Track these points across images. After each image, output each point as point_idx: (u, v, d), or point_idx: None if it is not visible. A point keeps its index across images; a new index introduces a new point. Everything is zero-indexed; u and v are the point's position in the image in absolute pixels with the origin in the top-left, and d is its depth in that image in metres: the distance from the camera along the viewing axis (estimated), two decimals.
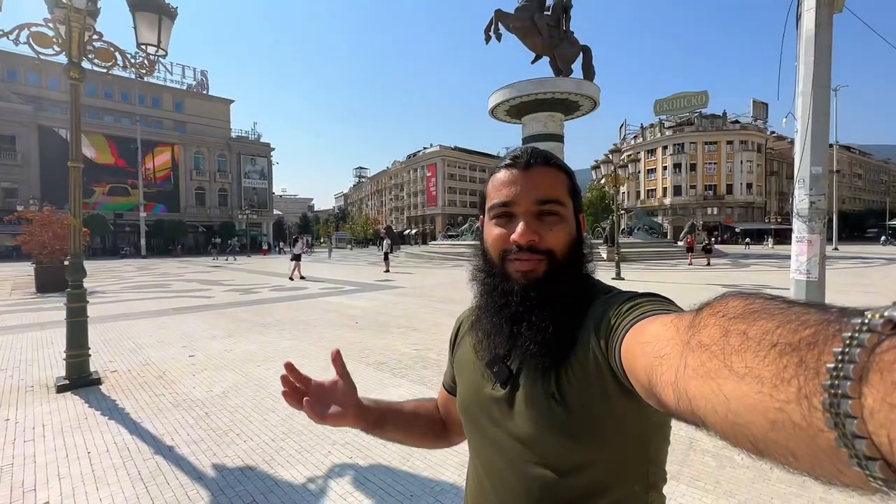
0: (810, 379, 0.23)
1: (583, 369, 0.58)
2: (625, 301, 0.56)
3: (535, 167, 0.67)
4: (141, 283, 15.04)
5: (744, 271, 17.04)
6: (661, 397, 0.37)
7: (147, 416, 3.56)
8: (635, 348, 0.45)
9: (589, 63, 29.91)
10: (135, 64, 4.59)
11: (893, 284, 12.32)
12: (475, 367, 0.73)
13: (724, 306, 0.33)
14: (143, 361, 5.19)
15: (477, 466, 0.73)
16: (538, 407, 0.62)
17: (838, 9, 5.45)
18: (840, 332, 0.23)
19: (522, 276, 0.64)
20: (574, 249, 0.67)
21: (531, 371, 0.64)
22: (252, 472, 2.71)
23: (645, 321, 0.47)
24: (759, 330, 0.28)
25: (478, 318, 0.72)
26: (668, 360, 0.36)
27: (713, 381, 0.29)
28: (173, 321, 7.75)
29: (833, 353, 0.23)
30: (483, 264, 0.71)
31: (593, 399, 0.58)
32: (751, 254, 30.62)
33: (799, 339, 0.25)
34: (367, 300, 10.34)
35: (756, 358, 0.26)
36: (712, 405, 0.29)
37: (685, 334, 0.35)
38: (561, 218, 0.66)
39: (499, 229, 0.66)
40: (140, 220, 37.16)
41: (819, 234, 5.40)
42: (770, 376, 0.25)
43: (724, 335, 0.30)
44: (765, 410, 0.25)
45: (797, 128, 5.64)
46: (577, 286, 0.66)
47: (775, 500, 2.34)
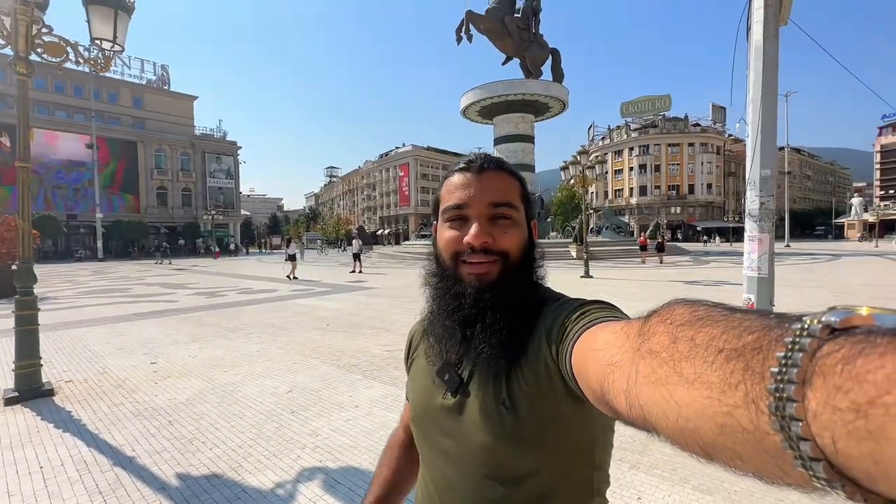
0: (756, 383, 0.24)
1: (534, 375, 0.58)
2: (575, 308, 0.56)
3: (488, 171, 0.67)
4: (98, 287, 14.32)
5: (704, 268, 17.83)
6: (613, 405, 0.37)
7: (105, 426, 3.42)
8: (586, 355, 0.45)
9: (558, 66, 30.57)
10: (88, 59, 4.39)
11: (837, 279, 13.20)
12: (426, 377, 0.72)
13: (671, 314, 0.34)
14: (100, 370, 4.97)
15: (426, 478, 0.72)
16: (488, 414, 0.61)
17: (784, 22, 5.80)
18: (782, 337, 0.24)
19: (476, 278, 0.64)
20: (526, 254, 0.67)
21: (481, 377, 0.64)
22: (219, 479, 2.66)
23: (595, 328, 0.48)
24: (705, 336, 0.29)
25: (430, 323, 0.71)
26: (619, 367, 0.37)
27: (664, 387, 0.30)
28: (133, 327, 7.43)
29: (776, 358, 0.23)
30: (436, 268, 0.71)
31: (544, 406, 0.58)
32: (711, 251, 32.06)
33: (743, 345, 0.26)
34: (339, 301, 10.23)
35: (704, 364, 0.27)
36: (663, 411, 0.30)
37: (635, 341, 0.36)
38: (514, 222, 0.66)
39: (452, 231, 0.66)
40: (96, 221, 35.30)
41: (768, 233, 5.74)
42: (718, 381, 0.26)
43: (672, 342, 0.31)
44: (714, 415, 0.25)
45: (748, 133, 5.98)
46: (529, 290, 0.66)
47: (724, 483, 2.50)
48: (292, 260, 16.52)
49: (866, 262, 19.80)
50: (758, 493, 2.41)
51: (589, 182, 16.35)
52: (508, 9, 29.01)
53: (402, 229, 76.11)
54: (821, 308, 0.23)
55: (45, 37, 4.09)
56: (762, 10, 5.72)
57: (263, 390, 4.21)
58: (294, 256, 16.67)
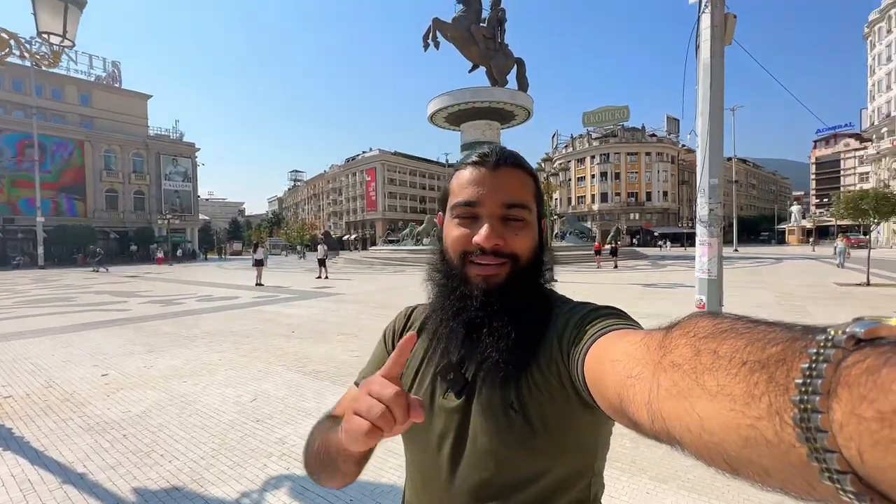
0: (780, 395, 0.23)
1: (544, 380, 0.57)
2: (587, 314, 0.56)
3: (503, 168, 0.64)
4: (39, 296, 13.33)
5: (661, 271, 18.71)
6: (634, 417, 0.37)
7: (52, 442, 3.22)
8: (603, 365, 0.44)
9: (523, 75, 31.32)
10: (34, 54, 4.15)
11: (779, 281, 14.19)
12: (423, 375, 0.69)
13: (694, 326, 0.33)
14: (44, 383, 4.65)
15: (416, 481, 0.69)
16: (495, 417, 0.60)
17: (728, 42, 6.25)
18: (806, 348, 0.24)
19: (483, 280, 0.62)
20: (536, 256, 0.65)
21: (489, 380, 0.61)
22: (179, 492, 2.57)
23: (609, 336, 0.48)
24: (728, 348, 0.28)
25: (432, 321, 0.68)
26: (640, 380, 0.36)
27: (686, 400, 0.29)
28: (81, 338, 6.99)
29: (801, 369, 0.23)
30: (441, 264, 0.67)
31: (554, 410, 0.57)
32: (667, 255, 33.63)
33: (767, 357, 0.25)
34: (305, 308, 10.01)
35: (727, 376, 0.27)
36: (686, 424, 0.29)
37: (656, 354, 0.35)
38: (526, 223, 0.64)
39: (461, 229, 0.63)
40: (37, 226, 32.85)
41: (717, 238, 6.13)
42: (741, 393, 0.25)
43: (695, 354, 0.31)
44: (737, 427, 0.25)
45: (698, 144, 6.38)
46: (537, 294, 0.65)
47: (679, 473, 2.66)
48: (259, 265, 16.19)
49: (804, 265, 21.39)
50: (707, 479, 2.58)
51: (553, 188, 16.87)
52: (475, 18, 29.52)
53: (370, 234, 75.25)
54: (762, 308, 0.24)
55: None
56: (709, 30, 6.14)
57: (226, 399, 4.08)
58: (261, 262, 16.37)
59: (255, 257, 16.69)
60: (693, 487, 2.53)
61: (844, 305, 8.85)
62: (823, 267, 19.60)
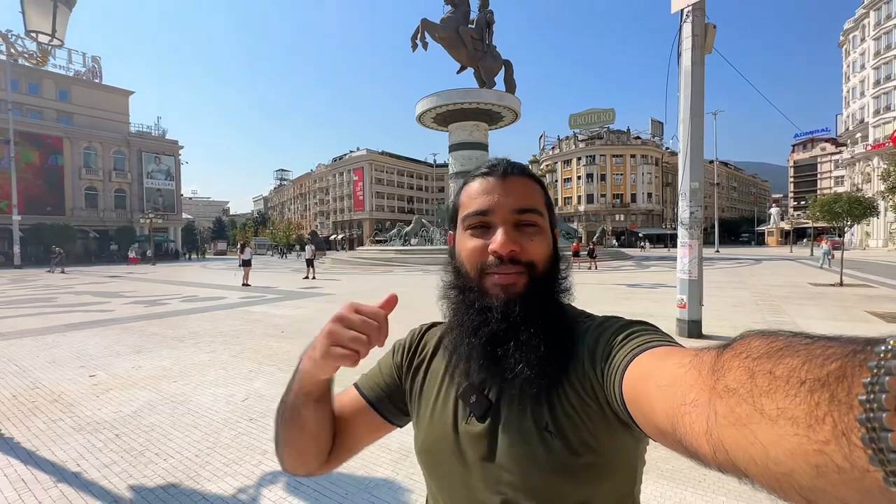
0: (844, 414, 0.22)
1: (579, 399, 0.55)
2: (620, 329, 0.54)
3: (512, 176, 0.64)
4: (17, 297, 13.01)
5: (645, 272, 19.11)
6: (693, 448, 0.34)
7: (43, 443, 3.22)
8: (650, 389, 0.42)
9: (510, 77, 31.61)
10: (23, 52, 4.12)
11: (758, 281, 14.63)
12: (443, 401, 0.66)
13: (746, 346, 0.32)
14: (30, 385, 4.60)
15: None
16: (528, 441, 0.56)
17: (709, 50, 6.48)
18: (866, 361, 0.22)
19: (502, 290, 0.59)
20: (553, 264, 0.64)
21: (517, 400, 0.58)
22: (176, 489, 2.61)
23: (648, 355, 0.46)
24: (785, 368, 0.27)
25: (450, 340, 0.65)
26: (696, 407, 0.34)
27: (746, 427, 0.28)
28: (65, 339, 6.89)
29: (863, 384, 0.22)
30: (456, 280, 0.65)
31: (594, 431, 0.54)
32: (651, 256, 34.28)
33: (827, 374, 0.24)
34: (293, 308, 10.00)
35: (786, 398, 0.25)
36: (750, 455, 0.27)
37: (709, 379, 0.33)
38: (540, 229, 0.63)
39: (475, 241, 0.62)
40: (13, 225, 31.93)
41: (697, 240, 6.35)
42: (803, 416, 0.24)
43: (750, 377, 0.29)
44: (805, 454, 0.23)
45: (680, 148, 6.59)
46: (559, 306, 0.63)
47: (658, 463, 2.80)
48: (247, 266, 16.03)
49: (782, 265, 22.05)
50: (685, 469, 2.73)
51: None
52: (463, 20, 29.69)
53: (357, 234, 74.89)
54: (740, 307, 0.28)
55: None
56: (690, 39, 6.36)
57: (217, 399, 4.11)
58: (249, 262, 16.18)
59: (242, 258, 16.55)
60: (672, 477, 2.67)
61: (818, 305, 9.21)
62: (800, 268, 20.24)
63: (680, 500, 2.47)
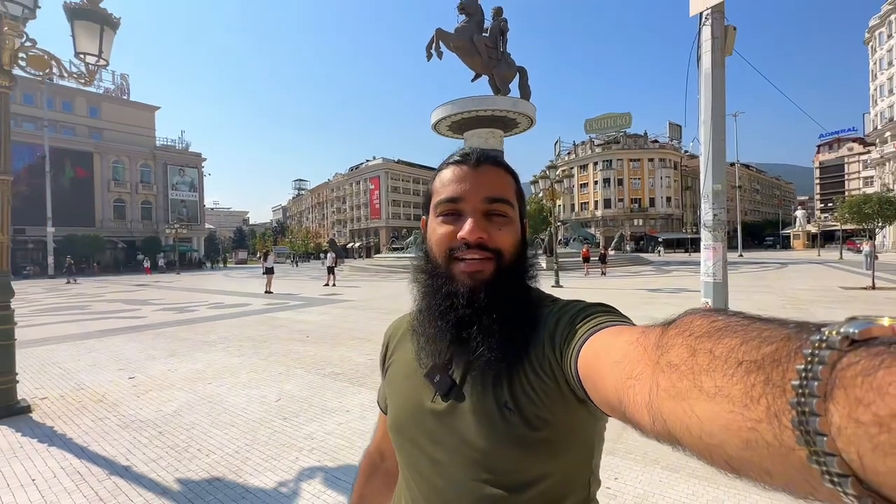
0: (778, 397, 0.23)
1: (538, 378, 0.56)
2: (579, 311, 0.56)
3: (484, 165, 0.65)
4: (54, 305, 13.60)
5: (666, 276, 18.80)
6: (635, 418, 0.36)
7: (94, 439, 3.40)
8: (600, 365, 0.44)
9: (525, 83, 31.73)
10: (73, 73, 4.40)
11: (785, 285, 14.27)
12: (411, 381, 0.69)
13: (689, 324, 0.33)
14: (75, 386, 4.85)
15: (411, 489, 0.67)
16: (489, 418, 0.58)
17: (729, 52, 6.46)
18: (801, 348, 0.24)
19: (469, 276, 0.61)
20: (520, 252, 0.66)
21: (479, 380, 0.61)
22: (220, 482, 2.74)
23: (602, 334, 0.48)
24: (724, 348, 0.28)
25: (419, 323, 0.67)
26: (639, 380, 0.36)
27: (685, 401, 0.29)
28: (102, 344, 7.20)
29: (797, 371, 0.23)
30: (426, 265, 0.67)
31: (551, 408, 0.56)
32: (671, 260, 33.67)
33: (763, 356, 0.25)
34: (317, 314, 10.20)
35: (724, 377, 0.27)
36: (686, 426, 0.29)
37: (654, 354, 0.35)
38: (509, 219, 0.64)
39: (445, 227, 0.63)
40: (47, 236, 33.33)
41: (721, 242, 6.29)
42: (740, 395, 0.25)
43: (691, 354, 0.30)
44: (738, 430, 0.25)
45: (701, 151, 6.57)
46: (524, 291, 0.65)
47: (690, 463, 2.81)
48: (269, 273, 16.38)
49: (810, 269, 21.41)
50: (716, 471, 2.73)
51: (557, 195, 17.03)
52: (477, 28, 30.00)
53: (373, 242, 75.62)
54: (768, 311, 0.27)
55: (30, 50, 4.10)
56: (710, 42, 6.36)
57: (251, 399, 4.26)
58: (272, 269, 16.54)
59: (265, 265, 16.95)
60: (704, 476, 2.68)
61: (849, 308, 8.95)
62: (829, 271, 19.63)
63: (712, 499, 2.48)
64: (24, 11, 3.71)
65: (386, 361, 0.79)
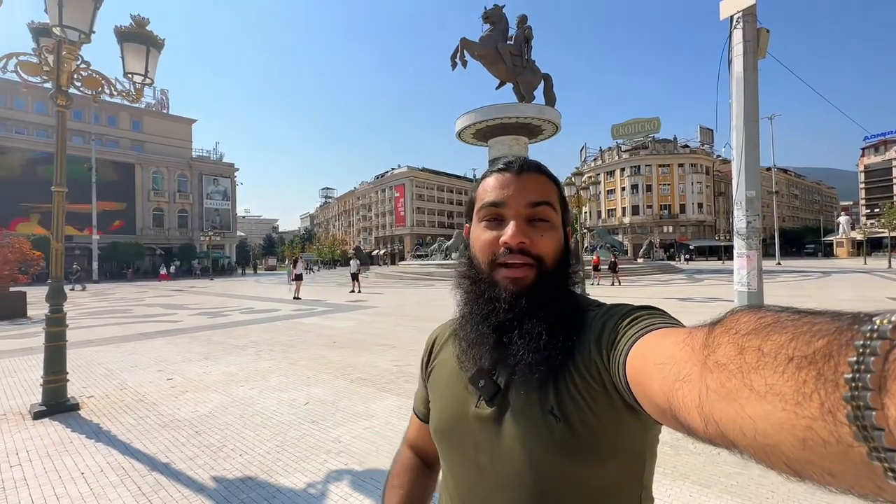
0: (831, 392, 0.23)
1: (585, 383, 0.56)
2: (626, 313, 0.55)
3: (527, 172, 0.66)
4: (99, 308, 14.37)
5: (697, 285, 18.20)
6: (686, 421, 0.35)
7: (135, 437, 3.59)
8: (648, 368, 0.43)
9: (550, 90, 31.57)
10: (121, 91, 4.71)
11: (827, 296, 13.57)
12: (455, 385, 0.69)
13: (735, 322, 0.32)
14: (118, 386, 5.12)
15: (453, 493, 0.67)
16: (533, 424, 0.58)
17: (762, 55, 6.29)
18: (852, 340, 0.23)
19: (511, 282, 0.62)
20: (563, 259, 0.65)
21: (524, 385, 0.60)
22: (252, 481, 2.84)
23: (650, 336, 0.47)
24: (773, 344, 0.27)
25: (461, 328, 0.68)
26: (688, 382, 0.35)
27: (736, 402, 0.28)
28: (143, 346, 7.56)
29: (849, 364, 0.22)
30: (468, 270, 0.68)
31: (599, 414, 0.55)
32: (703, 268, 32.56)
33: (814, 351, 0.25)
34: (343, 320, 10.40)
35: (774, 374, 0.26)
36: (739, 427, 0.28)
37: (701, 354, 0.34)
38: (552, 225, 0.65)
39: (489, 232, 0.64)
40: (92, 243, 35.27)
41: (756, 251, 6.08)
42: (791, 392, 0.25)
43: (739, 353, 0.30)
44: (792, 429, 0.24)
45: (733, 156, 6.39)
46: (566, 296, 0.65)
47: (722, 478, 2.73)
48: (298, 280, 16.70)
49: (854, 278, 20.28)
50: (751, 485, 2.64)
51: (583, 202, 16.81)
52: (501, 37, 30.16)
53: (398, 249, 76.36)
54: None
55: (83, 72, 4.42)
56: (741, 45, 6.22)
57: (281, 402, 4.39)
58: (300, 276, 16.86)
59: (294, 272, 17.29)
60: (737, 492, 2.60)
61: None
62: (876, 281, 18.55)
63: None
64: (80, 36, 4.00)
65: (428, 366, 0.79)
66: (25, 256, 12.26)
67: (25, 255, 12.22)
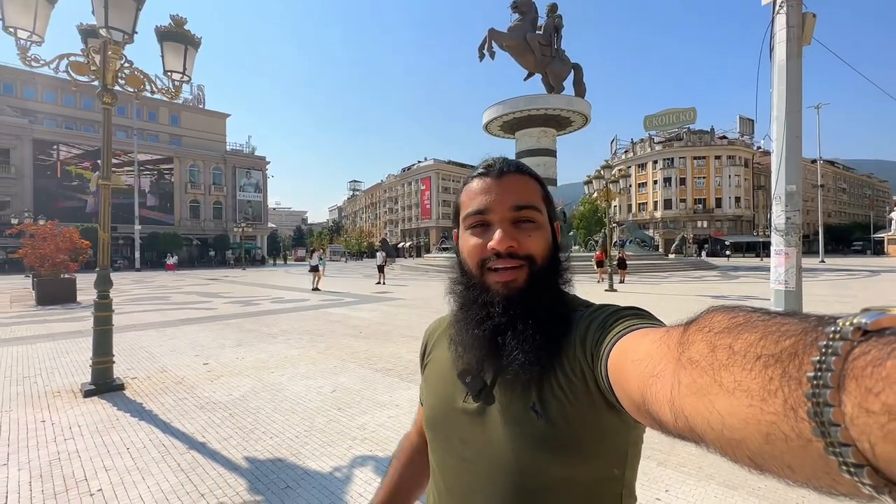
0: (794, 389, 0.24)
1: (568, 382, 0.57)
2: (610, 314, 0.56)
3: (508, 175, 0.66)
4: (140, 295, 15.16)
5: (732, 283, 17.55)
6: (658, 416, 0.36)
7: (175, 417, 3.81)
8: (626, 365, 0.44)
9: (580, 80, 30.85)
10: (161, 89, 4.93)
11: (873, 296, 12.82)
12: (445, 380, 0.71)
13: (709, 321, 0.34)
14: (159, 369, 5.42)
15: (439, 485, 0.70)
16: (516, 420, 0.60)
17: (807, 41, 5.95)
18: (817, 340, 0.24)
19: (503, 286, 0.63)
20: (552, 257, 0.66)
21: (510, 383, 0.62)
22: (282, 463, 2.98)
23: (631, 336, 0.48)
24: (743, 343, 0.28)
25: (457, 332, 0.69)
26: (661, 378, 0.36)
27: (706, 397, 0.29)
28: (181, 332, 7.95)
29: (811, 363, 0.23)
30: (460, 276, 0.69)
31: (579, 412, 0.56)
32: (740, 266, 31.29)
33: (780, 350, 0.26)
34: (368, 311, 10.60)
35: (743, 371, 0.27)
36: (707, 422, 0.29)
37: (675, 351, 0.35)
38: (538, 224, 0.65)
39: (475, 239, 0.65)
40: (134, 233, 37.13)
41: (795, 247, 5.81)
42: (758, 389, 0.25)
43: (711, 350, 0.31)
44: (757, 424, 0.25)
45: (773, 148, 6.10)
46: (558, 295, 0.66)
47: (749, 480, 2.66)
48: (314, 271, 16.46)
49: None
50: (781, 489, 2.57)
51: (612, 196, 16.42)
52: (530, 26, 29.62)
53: (424, 242, 76.85)
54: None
55: (127, 70, 4.65)
56: (784, 31, 5.90)
57: (310, 389, 4.55)
58: (316, 268, 16.51)
59: (310, 263, 17.08)
60: (764, 496, 2.54)
61: None
62: None
63: None
64: (124, 37, 4.21)
65: (424, 359, 0.82)
66: (75, 245, 13.04)
67: (75, 244, 13.01)
